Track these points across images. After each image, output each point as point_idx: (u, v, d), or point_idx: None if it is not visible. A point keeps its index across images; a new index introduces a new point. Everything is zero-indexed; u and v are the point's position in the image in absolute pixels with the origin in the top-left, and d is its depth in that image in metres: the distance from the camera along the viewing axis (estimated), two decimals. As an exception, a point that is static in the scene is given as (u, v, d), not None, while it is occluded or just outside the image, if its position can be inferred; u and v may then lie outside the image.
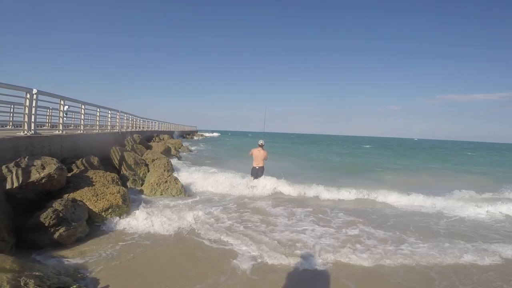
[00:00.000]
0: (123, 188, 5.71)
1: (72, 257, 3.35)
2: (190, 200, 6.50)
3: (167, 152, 13.27)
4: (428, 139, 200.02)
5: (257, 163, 8.55)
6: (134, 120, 19.07)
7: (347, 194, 7.59)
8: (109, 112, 12.50)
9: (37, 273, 2.18)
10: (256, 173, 8.54)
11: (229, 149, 25.30)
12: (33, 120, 6.40)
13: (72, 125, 11.26)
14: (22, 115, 6.40)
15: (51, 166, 4.73)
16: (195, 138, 42.90)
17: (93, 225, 4.45)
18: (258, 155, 8.54)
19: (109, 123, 12.72)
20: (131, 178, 7.65)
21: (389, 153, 30.65)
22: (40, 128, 8.37)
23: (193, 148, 22.21)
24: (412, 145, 62.75)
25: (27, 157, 4.72)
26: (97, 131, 10.94)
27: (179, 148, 19.03)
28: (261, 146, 8.65)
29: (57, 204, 3.97)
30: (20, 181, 4.09)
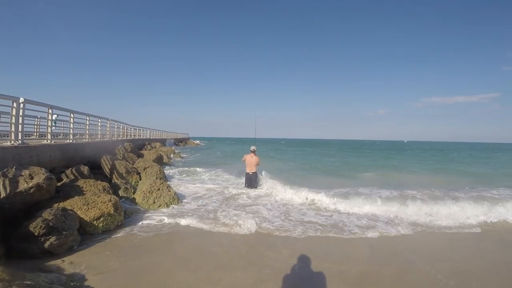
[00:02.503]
0: (115, 196, 5.62)
1: (64, 266, 3.26)
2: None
3: (159, 160, 13.14)
4: (418, 141, 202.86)
5: (250, 169, 8.62)
6: (125, 128, 18.83)
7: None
8: (99, 120, 12.33)
9: (28, 282, 2.12)
10: (250, 178, 8.60)
11: (220, 155, 25.19)
12: (20, 129, 6.26)
13: (61, 134, 11.03)
14: (8, 125, 6.26)
15: (40, 176, 4.62)
16: (188, 145, 42.60)
17: (85, 234, 4.35)
18: (250, 161, 8.62)
19: (99, 132, 12.53)
20: (123, 187, 7.53)
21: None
22: (28, 137, 8.19)
23: (185, 155, 22.06)
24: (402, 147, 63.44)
25: (14, 167, 4.61)
26: (87, 140, 10.76)
27: (171, 155, 18.87)
28: (253, 152, 8.73)
29: (47, 214, 3.88)
30: (8, 191, 3.98)
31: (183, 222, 5.32)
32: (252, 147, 8.84)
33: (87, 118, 10.81)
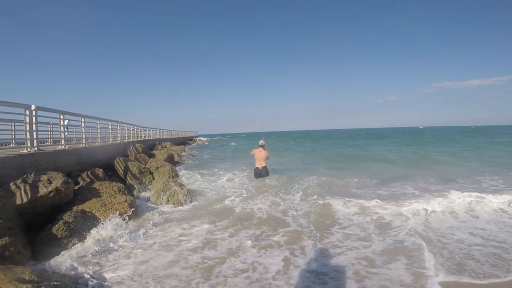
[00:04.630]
0: (130, 197, 5.75)
1: (88, 266, 3.36)
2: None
3: (170, 159, 13.30)
4: (435, 126, 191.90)
5: (259, 164, 8.46)
6: (136, 129, 19.09)
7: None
8: (110, 123, 12.54)
9: (55, 283, 2.19)
10: (260, 173, 8.45)
11: (231, 151, 25.28)
12: (35, 136, 6.43)
13: (74, 139, 11.29)
14: (23, 132, 6.44)
15: (58, 180, 4.77)
16: (195, 144, 42.95)
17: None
18: (259, 156, 8.45)
19: (110, 135, 12.76)
20: (137, 187, 7.69)
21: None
22: (43, 144, 8.41)
23: (195, 153, 22.26)
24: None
25: (33, 173, 4.76)
26: (99, 143, 10.98)
27: (182, 154, 19.07)
28: (262, 146, 8.58)
29: (67, 216, 4.00)
30: (29, 196, 4.13)
31: (196, 218, 5.37)
32: (261, 141, 8.70)
33: (98, 122, 11.00)
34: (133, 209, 5.28)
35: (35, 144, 6.41)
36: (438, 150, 18.93)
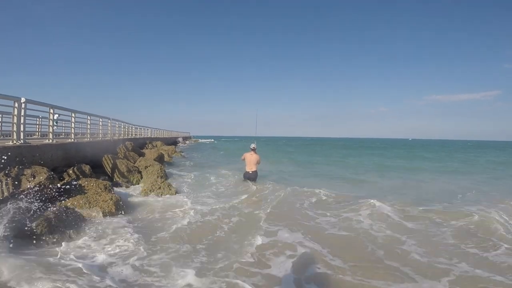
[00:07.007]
0: (116, 195, 5.69)
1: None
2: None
3: (160, 159, 13.17)
4: (423, 139, 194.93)
5: (250, 168, 8.45)
6: (127, 127, 18.89)
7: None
8: (100, 119, 12.40)
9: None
10: (249, 177, 8.46)
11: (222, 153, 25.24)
12: (22, 129, 6.34)
13: (63, 134, 11.11)
14: (10, 125, 6.33)
15: (42, 175, 4.71)
16: (187, 142, 42.70)
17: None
18: (250, 159, 8.46)
19: (100, 131, 12.61)
20: (124, 186, 7.61)
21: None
22: (30, 137, 8.27)
23: (186, 155, 22.14)
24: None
25: (17, 166, 4.69)
26: (88, 139, 10.83)
27: (173, 154, 18.92)
28: (253, 150, 8.59)
29: (49, 212, 3.94)
30: (10, 191, 4.06)
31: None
32: (252, 145, 8.69)
33: (88, 118, 10.88)
34: (119, 207, 5.23)
35: (22, 137, 6.31)
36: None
